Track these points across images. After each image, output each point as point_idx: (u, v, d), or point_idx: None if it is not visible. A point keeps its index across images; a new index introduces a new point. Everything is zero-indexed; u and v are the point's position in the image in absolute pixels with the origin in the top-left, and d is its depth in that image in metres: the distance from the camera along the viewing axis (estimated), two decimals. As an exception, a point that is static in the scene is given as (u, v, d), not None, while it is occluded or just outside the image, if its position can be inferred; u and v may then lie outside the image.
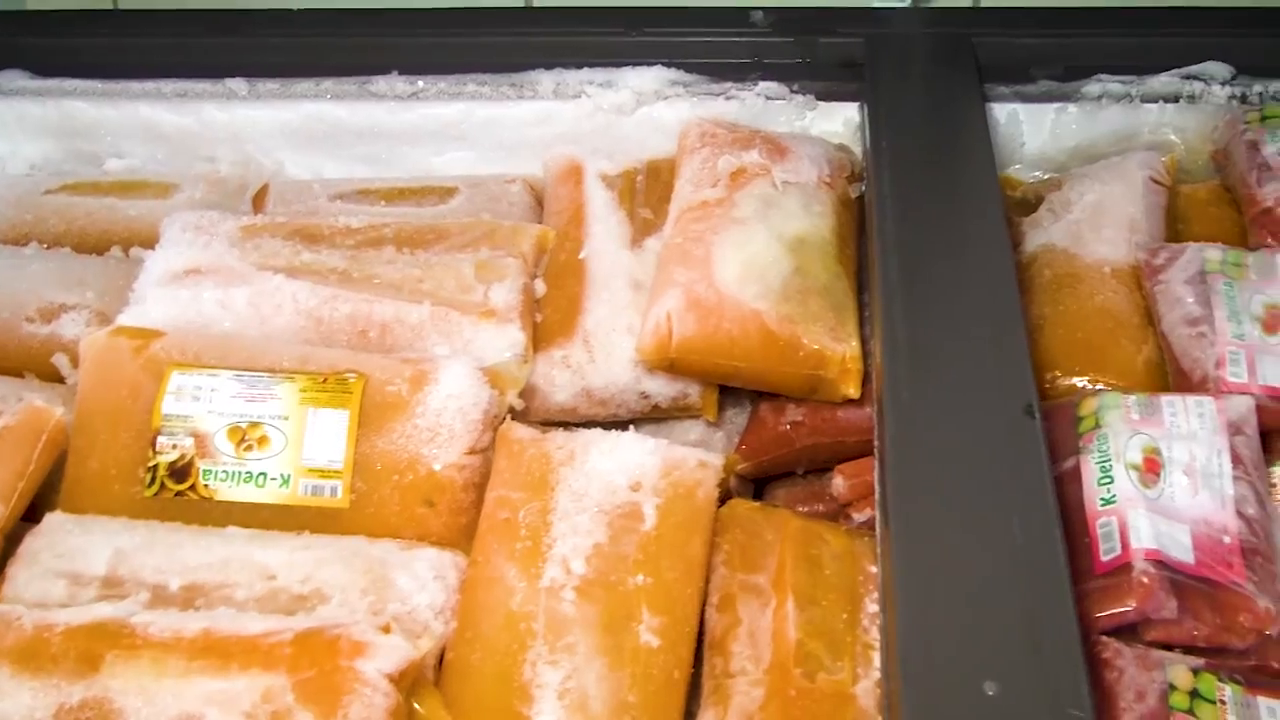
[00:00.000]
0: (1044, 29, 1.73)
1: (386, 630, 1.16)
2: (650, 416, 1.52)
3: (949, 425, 1.17)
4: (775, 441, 1.47)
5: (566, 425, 1.44)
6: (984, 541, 1.07)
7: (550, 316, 1.52)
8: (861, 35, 1.71)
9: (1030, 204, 1.61)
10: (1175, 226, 1.60)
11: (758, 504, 1.36)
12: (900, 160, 1.47)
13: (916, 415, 1.18)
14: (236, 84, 1.83)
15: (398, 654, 1.12)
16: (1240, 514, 1.17)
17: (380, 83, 1.80)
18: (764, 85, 1.70)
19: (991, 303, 1.27)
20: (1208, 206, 1.62)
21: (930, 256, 1.34)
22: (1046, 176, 1.70)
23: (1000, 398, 1.18)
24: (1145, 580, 1.11)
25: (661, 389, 1.48)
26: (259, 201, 1.78)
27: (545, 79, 1.75)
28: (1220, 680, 1.08)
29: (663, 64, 1.72)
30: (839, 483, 1.38)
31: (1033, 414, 1.16)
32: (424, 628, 1.22)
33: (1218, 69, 1.69)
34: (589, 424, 1.46)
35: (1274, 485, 1.26)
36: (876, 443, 1.20)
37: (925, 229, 1.37)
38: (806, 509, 1.47)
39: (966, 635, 1.00)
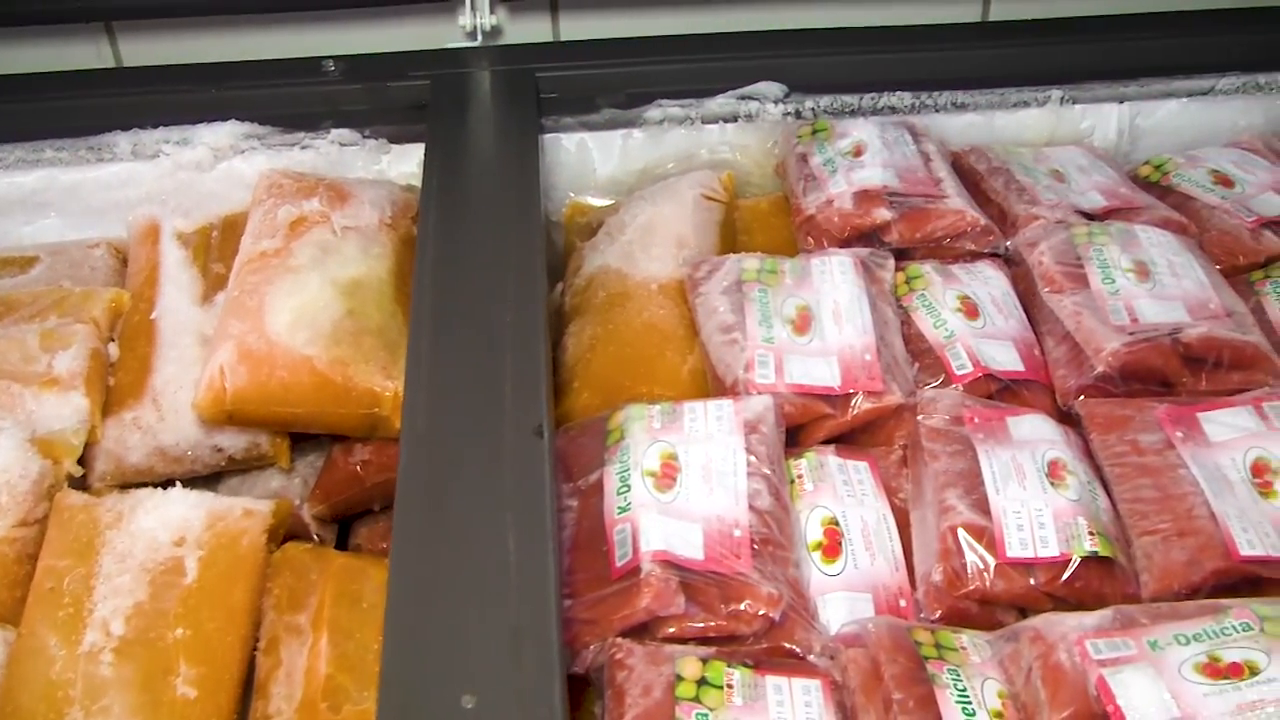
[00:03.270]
0: (607, 59, 1.79)
1: (-97, 718, 1.13)
2: (229, 469, 1.51)
3: (461, 450, 1.20)
4: (347, 482, 1.48)
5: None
6: (478, 561, 1.09)
7: (122, 379, 1.50)
8: (431, 77, 1.73)
9: (595, 229, 1.66)
10: (740, 239, 1.67)
11: (308, 545, 1.37)
12: (448, 197, 1.50)
13: (431, 443, 1.21)
14: None
15: (-91, 742, 1.10)
16: (752, 508, 1.23)
17: (-43, 154, 1.75)
18: (337, 132, 1.72)
19: (515, 331, 1.31)
20: (770, 217, 1.70)
21: (462, 289, 1.37)
22: (615, 201, 1.75)
23: (513, 421, 1.21)
24: (652, 581, 1.15)
25: (233, 441, 1.48)
26: None
27: (122, 140, 1.73)
28: (730, 666, 1.12)
29: (236, 118, 1.72)
30: (402, 517, 1.39)
31: (541, 434, 1.20)
32: (-40, 710, 1.20)
33: (771, 88, 1.77)
34: (169, 483, 1.44)
35: (799, 477, 1.32)
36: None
37: (461, 263, 1.40)
38: (386, 545, 1.49)
39: (451, 652, 1.03)
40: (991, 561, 1.22)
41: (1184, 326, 1.44)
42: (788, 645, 1.17)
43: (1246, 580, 1.25)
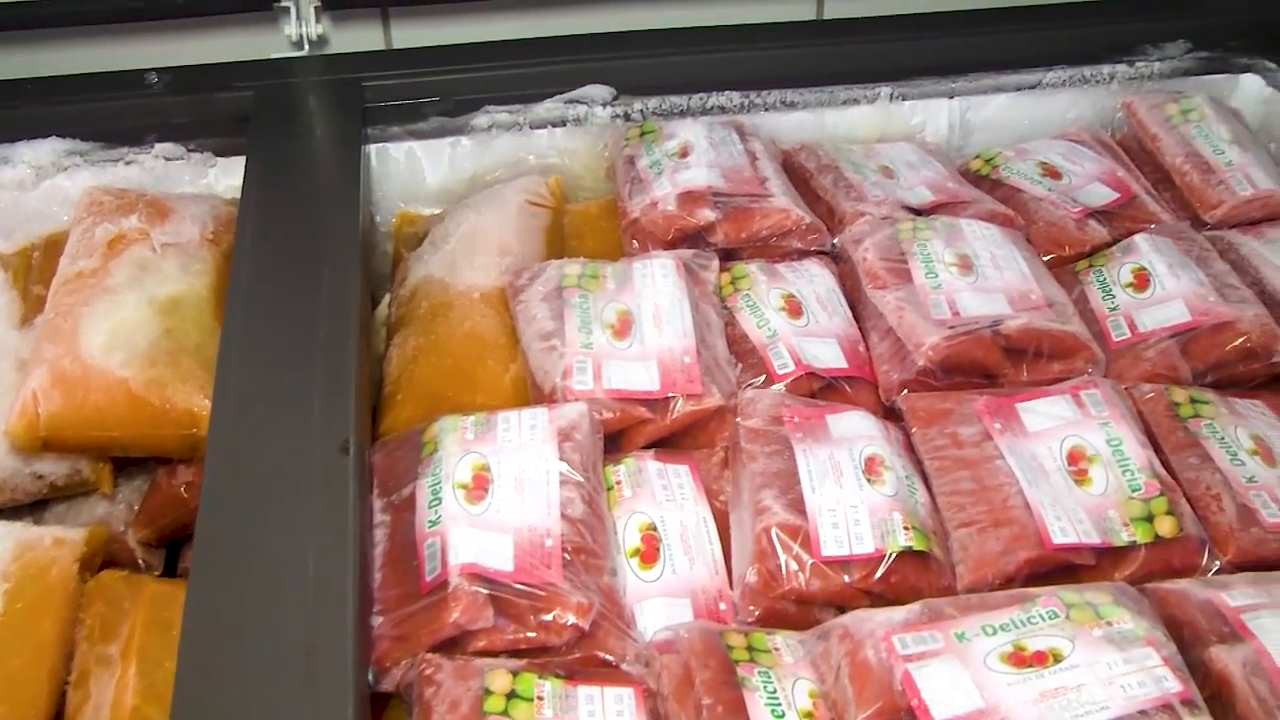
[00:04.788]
0: (433, 67, 1.78)
1: None
2: (52, 496, 1.48)
3: (265, 469, 1.19)
4: (172, 504, 1.46)
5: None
6: (278, 582, 1.08)
7: (-63, 407, 1.47)
8: (254, 88, 1.71)
9: (422, 238, 1.65)
10: (570, 243, 1.67)
11: (123, 573, 1.34)
12: (264, 210, 1.49)
13: (234, 462, 1.19)
14: None
15: None
16: (564, 516, 1.22)
17: None
18: (161, 147, 1.69)
19: (327, 346, 1.30)
20: (600, 221, 1.70)
21: (274, 304, 1.36)
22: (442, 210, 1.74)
23: (319, 437, 1.21)
24: (460, 595, 1.14)
25: (54, 468, 1.45)
26: None
27: (-64, 162, 1.69)
28: (541, 678, 1.11)
29: (57, 135, 1.69)
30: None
31: (347, 450, 1.19)
32: None
33: (599, 91, 1.77)
34: (-13, 513, 1.42)
35: (618, 483, 1.32)
36: (203, 494, 1.21)
37: (275, 277, 1.39)
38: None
39: (244, 677, 1.02)
40: (807, 561, 1.23)
41: (1004, 318, 1.46)
42: (601, 654, 1.17)
43: (1061, 568, 1.27)
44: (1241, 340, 1.48)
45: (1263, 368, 1.50)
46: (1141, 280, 1.57)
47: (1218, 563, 1.29)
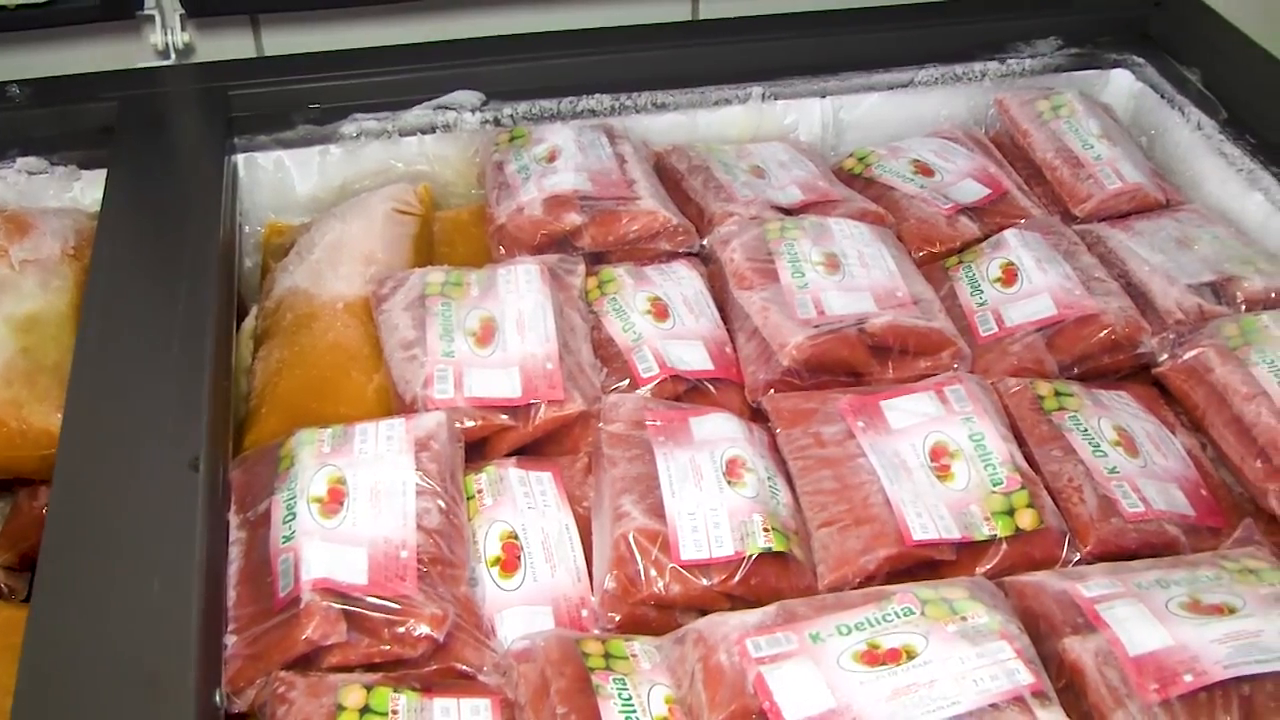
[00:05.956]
0: (301, 75, 1.76)
1: None
2: (-90, 520, 1.46)
3: (114, 488, 1.17)
4: (33, 527, 1.43)
5: None
6: (121, 604, 1.07)
7: None
8: (119, 98, 1.69)
9: (289, 249, 1.63)
10: (441, 250, 1.66)
11: (-21, 598, 1.33)
12: (122, 224, 1.47)
13: (82, 483, 1.18)
14: None
15: None
16: (421, 527, 1.22)
17: None
18: (24, 160, 1.66)
19: (180, 361, 1.29)
20: (470, 227, 1.69)
21: (129, 320, 1.34)
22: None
23: (170, 454, 1.19)
24: (312, 610, 1.13)
25: (-89, 492, 1.42)
26: None
27: None
28: (396, 691, 1.11)
29: (-84, 152, 1.66)
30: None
31: (197, 467, 1.18)
32: None
33: (468, 97, 1.77)
34: None
35: (479, 491, 1.31)
36: (49, 514, 1.19)
37: (130, 292, 1.38)
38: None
39: (85, 702, 1.00)
40: (666, 565, 1.23)
41: (869, 316, 1.47)
42: (458, 665, 1.16)
43: (923, 564, 1.28)
44: (1106, 333, 1.50)
45: (1127, 359, 1.53)
46: (1010, 275, 1.59)
47: (1078, 554, 1.30)
